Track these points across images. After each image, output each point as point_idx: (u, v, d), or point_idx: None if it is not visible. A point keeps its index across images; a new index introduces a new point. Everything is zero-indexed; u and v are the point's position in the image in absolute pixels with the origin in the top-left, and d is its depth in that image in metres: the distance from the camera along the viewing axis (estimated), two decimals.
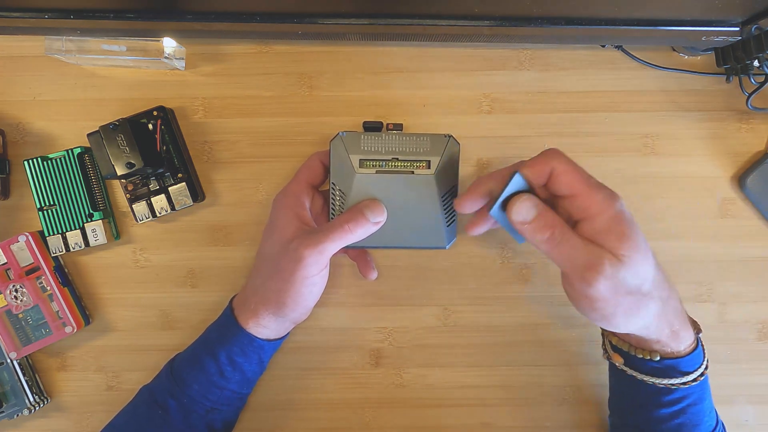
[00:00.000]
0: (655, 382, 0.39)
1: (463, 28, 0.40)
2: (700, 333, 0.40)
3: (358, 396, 0.49)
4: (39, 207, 0.46)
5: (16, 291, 0.45)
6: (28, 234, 0.45)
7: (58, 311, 0.46)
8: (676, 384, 0.39)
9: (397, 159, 0.41)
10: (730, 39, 0.41)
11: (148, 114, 0.45)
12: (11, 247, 0.45)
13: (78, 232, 0.46)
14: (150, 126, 0.45)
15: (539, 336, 0.49)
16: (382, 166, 0.41)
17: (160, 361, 0.45)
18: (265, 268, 0.41)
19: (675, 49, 0.47)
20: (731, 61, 0.43)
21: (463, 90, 0.48)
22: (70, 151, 0.46)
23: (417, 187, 0.41)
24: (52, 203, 0.46)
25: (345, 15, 0.40)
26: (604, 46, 0.47)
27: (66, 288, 0.47)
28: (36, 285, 0.46)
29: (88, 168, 0.46)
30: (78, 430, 0.49)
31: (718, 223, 0.48)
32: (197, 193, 0.47)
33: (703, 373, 0.39)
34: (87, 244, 0.46)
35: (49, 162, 0.46)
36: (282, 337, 0.45)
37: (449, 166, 0.41)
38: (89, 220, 0.46)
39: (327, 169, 0.43)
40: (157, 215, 0.46)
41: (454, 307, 0.49)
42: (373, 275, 0.47)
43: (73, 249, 0.46)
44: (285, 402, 0.49)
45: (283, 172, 0.48)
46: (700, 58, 0.47)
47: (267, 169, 0.48)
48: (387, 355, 0.49)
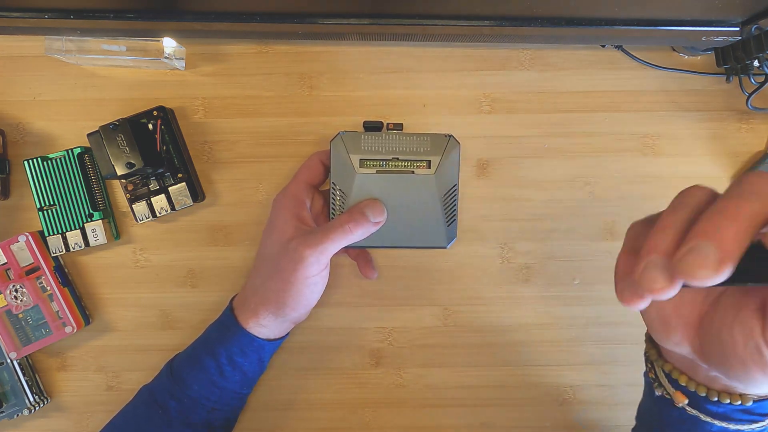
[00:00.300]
0: (725, 426, 0.30)
1: (463, 28, 0.40)
2: None
3: (358, 396, 0.49)
4: (39, 207, 0.46)
5: (16, 291, 0.45)
6: (28, 234, 0.45)
7: (58, 311, 0.46)
8: (749, 430, 0.30)
9: (397, 159, 0.41)
10: (730, 39, 0.41)
11: (148, 114, 0.45)
12: (11, 247, 0.45)
13: (78, 232, 0.46)
14: (150, 126, 0.45)
15: (539, 336, 0.49)
16: (383, 165, 0.41)
17: (160, 361, 0.45)
18: (265, 268, 0.41)
19: (675, 49, 0.47)
20: (731, 61, 0.43)
21: (463, 90, 0.48)
22: (70, 151, 0.46)
23: (417, 186, 0.41)
24: (52, 203, 0.46)
25: (345, 15, 0.40)
26: (604, 46, 0.47)
27: (66, 288, 0.47)
28: (36, 285, 0.46)
29: (88, 168, 0.46)
30: (78, 430, 0.49)
31: None
32: (197, 193, 0.47)
33: None
34: (87, 244, 0.46)
35: (49, 162, 0.46)
36: (282, 337, 0.45)
37: (449, 166, 0.41)
38: (89, 220, 0.46)
39: (327, 169, 0.43)
40: (157, 215, 0.46)
41: (454, 307, 0.49)
42: (374, 275, 0.47)
43: (73, 249, 0.46)
44: (285, 402, 0.49)
45: (283, 172, 0.48)
46: (700, 58, 0.47)
47: (267, 169, 0.48)
48: (387, 355, 0.49)
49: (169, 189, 0.46)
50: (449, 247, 0.43)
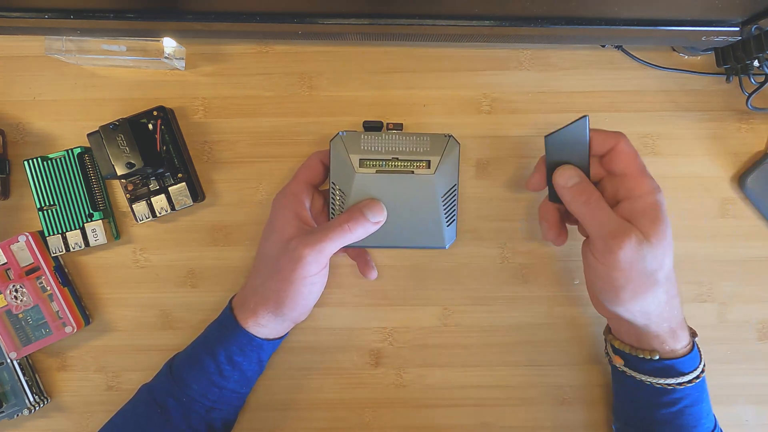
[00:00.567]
0: (653, 382, 0.40)
1: (463, 28, 0.40)
2: (696, 337, 0.42)
3: (358, 396, 0.49)
4: (39, 207, 0.46)
5: (16, 291, 0.45)
6: (28, 234, 0.45)
7: (58, 311, 0.46)
8: (673, 384, 0.40)
9: (397, 159, 0.41)
10: (730, 39, 0.41)
11: (148, 114, 0.45)
12: (11, 247, 0.45)
13: (78, 232, 0.46)
14: (150, 126, 0.46)
15: (539, 336, 0.49)
16: (382, 165, 0.41)
17: (160, 361, 0.45)
18: (265, 268, 0.41)
19: (675, 49, 0.47)
20: (731, 61, 0.43)
21: (463, 90, 0.48)
22: (70, 151, 0.46)
23: (417, 186, 0.41)
24: (52, 203, 0.46)
25: (345, 15, 0.40)
26: (604, 46, 0.47)
27: (66, 288, 0.47)
28: (36, 285, 0.46)
29: (88, 168, 0.46)
30: (78, 430, 0.49)
31: (718, 223, 0.48)
32: (197, 193, 0.47)
33: (700, 375, 0.40)
34: (87, 244, 0.46)
35: (49, 162, 0.46)
36: (281, 337, 0.45)
37: (449, 166, 0.41)
38: (89, 220, 0.46)
39: (327, 169, 0.43)
40: (157, 215, 0.46)
41: (454, 307, 0.49)
42: (373, 275, 0.47)
43: (73, 249, 0.46)
44: (285, 402, 0.49)
45: (283, 172, 0.48)
46: (700, 58, 0.47)
47: (267, 169, 0.48)
48: (387, 355, 0.49)
49: (169, 189, 0.46)
50: (449, 247, 0.43)
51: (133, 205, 0.46)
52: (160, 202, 0.46)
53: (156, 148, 0.45)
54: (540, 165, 0.42)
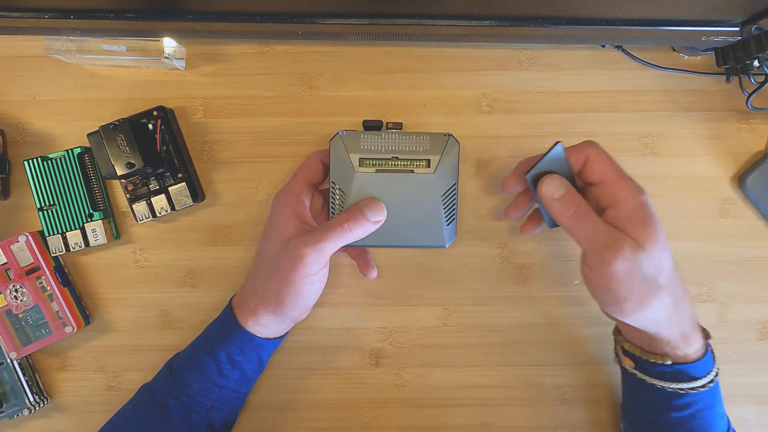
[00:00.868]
0: (665, 386, 0.39)
1: (463, 28, 0.40)
2: (709, 339, 0.40)
3: (358, 396, 0.49)
4: (39, 207, 0.46)
5: (16, 291, 0.45)
6: (28, 234, 0.45)
7: (58, 311, 0.46)
8: (685, 389, 0.38)
9: (397, 158, 0.41)
10: (730, 39, 0.41)
11: (148, 114, 0.45)
12: (11, 247, 0.45)
13: (78, 232, 0.46)
14: (150, 126, 0.46)
15: (539, 336, 0.49)
16: (382, 165, 0.41)
17: (160, 361, 0.45)
18: (265, 267, 0.41)
19: (675, 49, 0.47)
20: (731, 61, 0.43)
21: (463, 90, 0.48)
22: (70, 151, 0.46)
23: (417, 186, 0.41)
24: (52, 203, 0.46)
25: (345, 15, 0.40)
26: (604, 46, 0.47)
27: (66, 288, 0.47)
28: (36, 285, 0.46)
29: (88, 168, 0.46)
30: (78, 430, 0.49)
31: (718, 223, 0.48)
32: (197, 193, 0.47)
33: (713, 379, 0.39)
34: (87, 244, 0.46)
35: (49, 162, 0.46)
36: (281, 336, 0.45)
37: (449, 165, 0.41)
38: (89, 220, 0.46)
39: (326, 168, 0.43)
40: (157, 215, 0.46)
41: (454, 307, 0.49)
42: (373, 274, 0.47)
43: (73, 249, 0.46)
44: (285, 402, 0.49)
45: (283, 172, 0.48)
46: (700, 58, 0.47)
47: (267, 169, 0.48)
48: (387, 355, 0.49)
49: (169, 189, 0.46)
50: (449, 246, 0.43)
51: (133, 205, 0.46)
52: (160, 202, 0.46)
53: (156, 148, 0.45)
54: (518, 168, 0.42)
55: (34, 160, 0.45)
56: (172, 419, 0.41)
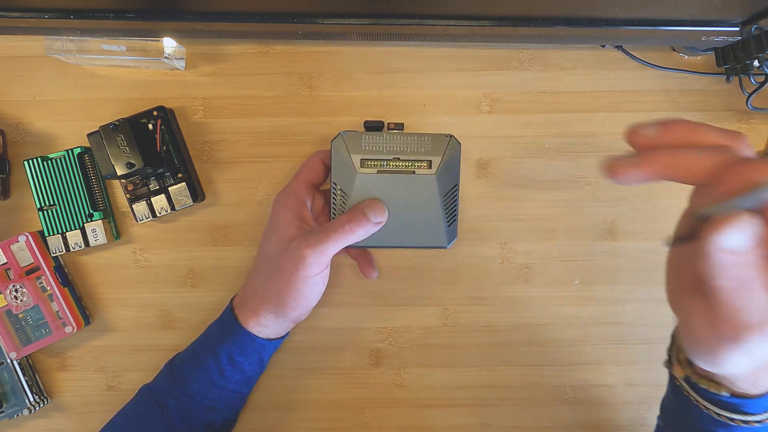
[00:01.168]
0: (713, 411, 0.33)
1: (463, 28, 0.40)
2: None
3: (358, 396, 0.49)
4: (39, 207, 0.46)
5: (16, 291, 0.45)
6: (28, 234, 0.45)
7: (58, 311, 0.46)
8: (737, 420, 0.32)
9: (398, 159, 0.41)
10: (730, 39, 0.41)
11: (148, 114, 0.45)
12: (11, 247, 0.45)
13: (78, 232, 0.46)
14: (150, 126, 0.45)
15: (539, 336, 0.49)
16: (384, 165, 0.41)
17: (160, 361, 0.45)
18: (266, 268, 0.41)
19: (675, 49, 0.47)
20: (731, 61, 0.43)
21: (463, 90, 0.48)
22: (70, 151, 0.46)
23: (418, 186, 0.41)
24: (52, 203, 0.46)
25: (345, 15, 0.40)
26: (604, 46, 0.47)
27: (66, 288, 0.47)
28: (36, 285, 0.46)
29: (88, 168, 0.46)
30: (78, 430, 0.49)
31: None
32: (197, 193, 0.47)
33: None
34: (87, 244, 0.46)
35: (49, 162, 0.46)
36: (282, 337, 0.45)
37: (450, 166, 0.41)
38: (89, 220, 0.46)
39: (327, 169, 0.43)
40: (157, 215, 0.46)
41: (454, 307, 0.49)
42: (374, 274, 0.47)
43: (73, 249, 0.46)
44: (285, 402, 0.49)
45: (283, 172, 0.48)
46: (700, 58, 0.47)
47: (267, 169, 0.48)
48: (387, 355, 0.49)
49: (169, 189, 0.46)
50: (450, 246, 0.43)
51: (133, 205, 0.46)
52: (160, 202, 0.46)
53: (156, 148, 0.45)
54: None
55: (34, 160, 0.45)
56: (173, 419, 0.41)
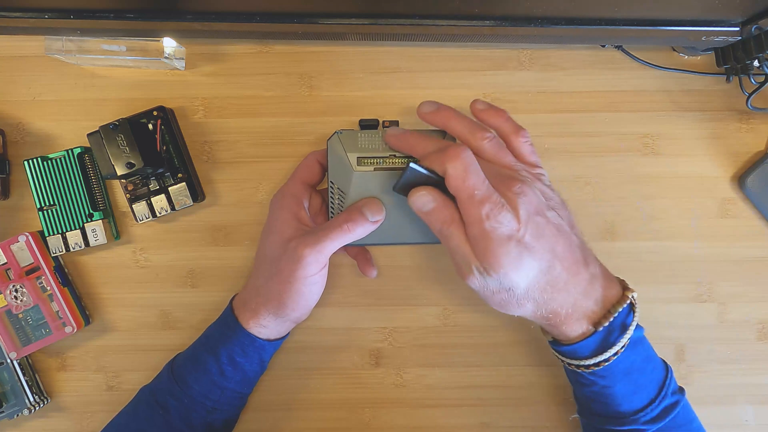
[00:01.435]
0: (560, 358, 0.41)
1: (463, 28, 0.40)
2: (605, 324, 0.38)
3: (358, 396, 0.49)
4: (39, 207, 0.46)
5: (16, 291, 0.45)
6: (28, 234, 0.45)
7: (58, 311, 0.46)
8: (572, 365, 0.40)
9: (394, 156, 0.41)
10: (730, 39, 0.41)
11: (148, 114, 0.45)
12: (11, 247, 0.45)
13: (78, 232, 0.46)
14: (150, 126, 0.46)
15: (539, 336, 0.49)
16: (380, 163, 0.41)
17: (160, 361, 0.45)
18: (265, 269, 0.41)
19: (675, 49, 0.47)
20: (731, 61, 0.43)
21: (463, 90, 0.48)
22: (70, 151, 0.46)
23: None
24: (52, 203, 0.46)
25: (345, 15, 0.40)
26: (604, 46, 0.47)
27: (66, 288, 0.47)
28: (36, 285, 0.46)
29: (88, 168, 0.46)
30: (78, 430, 0.49)
31: (718, 223, 0.48)
32: (197, 193, 0.47)
33: (600, 364, 0.38)
34: (87, 244, 0.46)
35: (49, 162, 0.46)
36: (282, 337, 0.45)
37: None
38: (89, 220, 0.46)
39: (324, 168, 0.43)
40: (157, 215, 0.46)
41: (454, 307, 0.49)
42: (373, 273, 0.47)
43: (73, 249, 0.46)
44: (285, 402, 0.49)
45: (283, 172, 0.48)
46: (700, 58, 0.47)
47: (267, 169, 0.48)
48: (387, 355, 0.49)
49: (169, 189, 0.46)
50: None
51: (133, 205, 0.46)
52: (160, 202, 0.46)
53: (156, 148, 0.45)
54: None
55: (34, 160, 0.45)
56: (173, 420, 0.41)
